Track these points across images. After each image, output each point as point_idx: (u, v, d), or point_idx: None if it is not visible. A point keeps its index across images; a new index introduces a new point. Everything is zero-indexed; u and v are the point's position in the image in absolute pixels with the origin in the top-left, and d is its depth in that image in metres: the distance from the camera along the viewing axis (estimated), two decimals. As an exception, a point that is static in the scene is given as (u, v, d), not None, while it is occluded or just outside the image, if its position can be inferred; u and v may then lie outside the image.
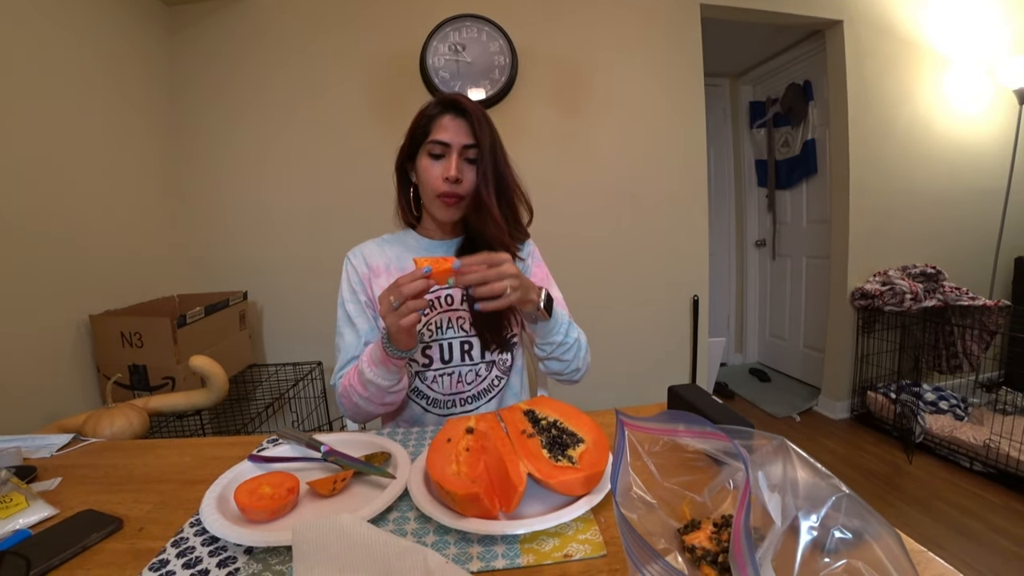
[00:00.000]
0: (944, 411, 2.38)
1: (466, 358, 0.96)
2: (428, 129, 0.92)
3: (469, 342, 0.96)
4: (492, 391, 0.99)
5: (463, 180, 0.91)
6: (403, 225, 1.07)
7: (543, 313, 0.85)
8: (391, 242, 1.04)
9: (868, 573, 0.32)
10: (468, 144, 0.90)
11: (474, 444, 0.64)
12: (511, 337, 1.00)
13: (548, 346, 0.90)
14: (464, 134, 0.90)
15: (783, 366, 3.49)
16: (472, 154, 0.91)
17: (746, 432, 0.42)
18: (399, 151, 0.99)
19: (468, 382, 0.97)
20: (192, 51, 1.97)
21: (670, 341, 2.33)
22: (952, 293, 2.46)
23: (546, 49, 2.10)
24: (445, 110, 0.92)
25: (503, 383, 1.00)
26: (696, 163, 2.25)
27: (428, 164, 0.92)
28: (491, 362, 0.98)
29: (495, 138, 0.93)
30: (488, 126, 0.92)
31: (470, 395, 0.98)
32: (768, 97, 3.34)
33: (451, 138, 0.90)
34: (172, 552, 0.53)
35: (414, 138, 0.94)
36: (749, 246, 3.66)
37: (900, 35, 2.53)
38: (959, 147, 2.69)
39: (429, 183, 0.92)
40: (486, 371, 0.98)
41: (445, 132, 0.90)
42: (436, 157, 0.91)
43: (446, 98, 0.93)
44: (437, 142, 0.90)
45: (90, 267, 1.55)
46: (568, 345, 0.91)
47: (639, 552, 0.33)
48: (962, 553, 1.63)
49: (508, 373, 1.01)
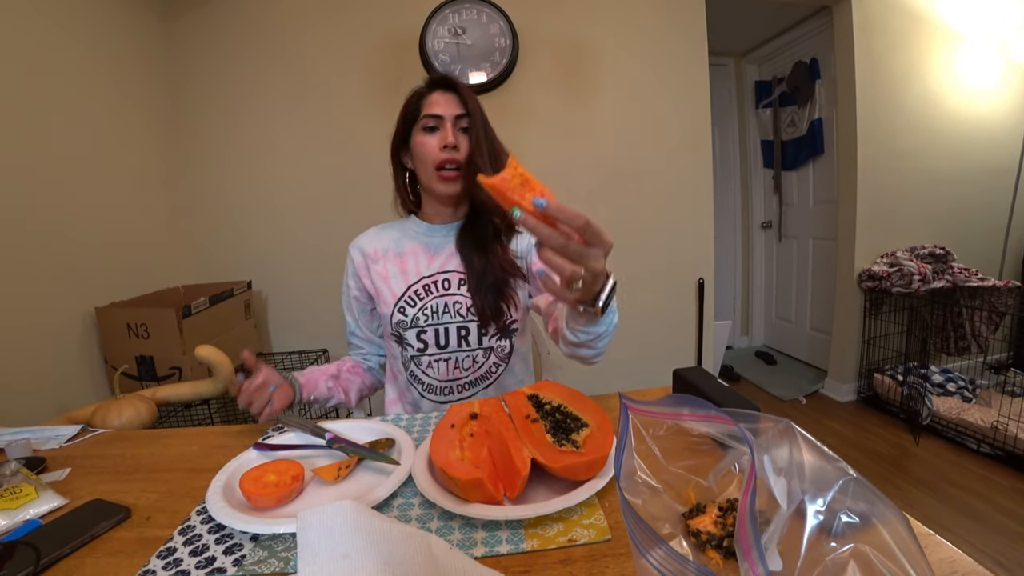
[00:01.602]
0: (952, 393, 2.37)
1: (463, 344, 0.95)
2: (419, 107, 0.95)
3: (466, 327, 0.95)
4: (490, 378, 0.98)
5: (459, 147, 0.92)
6: (404, 214, 1.07)
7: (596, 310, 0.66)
8: (392, 227, 1.06)
9: (875, 557, 0.32)
10: (460, 114, 0.93)
11: (478, 429, 0.64)
12: (511, 323, 0.98)
13: (584, 334, 0.74)
14: (455, 105, 0.93)
15: (789, 349, 3.47)
16: (465, 123, 0.93)
17: (752, 415, 0.42)
18: (392, 138, 1.00)
19: (465, 368, 0.96)
20: (190, 40, 1.95)
21: (675, 324, 2.32)
22: (961, 274, 2.43)
23: (547, 30, 2.06)
24: (433, 87, 0.96)
25: (501, 370, 0.99)
26: (701, 145, 2.22)
27: (424, 139, 0.93)
28: (488, 348, 0.97)
29: (483, 111, 0.96)
30: (475, 98, 0.95)
31: (467, 381, 0.97)
32: (774, 76, 3.28)
33: (443, 110, 0.92)
34: (179, 540, 0.54)
35: (406, 120, 0.97)
36: (755, 228, 3.62)
37: (910, 10, 2.47)
38: (970, 125, 2.63)
39: (427, 156, 0.93)
40: (483, 357, 0.97)
41: (437, 106, 0.93)
42: (430, 130, 0.93)
43: (432, 77, 0.98)
44: (430, 115, 0.92)
45: (94, 260, 1.55)
46: (608, 334, 0.77)
47: (643, 537, 0.33)
48: (969, 535, 1.63)
49: (507, 360, 1.00)
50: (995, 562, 1.50)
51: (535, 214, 0.50)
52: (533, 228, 0.50)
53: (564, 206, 0.49)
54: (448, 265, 0.98)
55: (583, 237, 0.51)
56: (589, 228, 0.50)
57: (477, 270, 0.94)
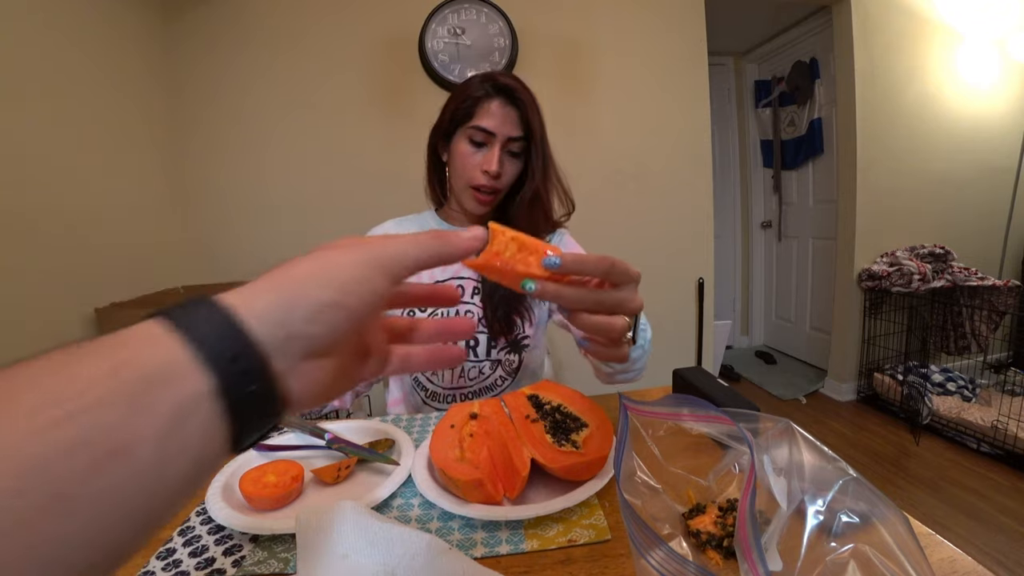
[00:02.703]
0: (952, 392, 2.37)
1: (470, 353, 0.91)
2: (472, 111, 0.83)
3: (476, 338, 0.91)
4: (495, 389, 0.95)
5: (503, 175, 0.84)
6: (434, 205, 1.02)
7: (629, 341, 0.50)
8: (410, 222, 1.00)
9: (875, 557, 0.32)
10: (514, 136, 0.83)
11: (478, 430, 0.64)
12: (522, 338, 0.93)
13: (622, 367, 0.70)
14: (512, 125, 0.82)
15: (789, 348, 3.47)
16: (516, 147, 0.84)
17: (751, 415, 0.42)
18: (433, 128, 0.91)
19: (471, 378, 0.93)
20: (189, 41, 1.95)
21: (675, 324, 2.32)
22: (961, 273, 2.43)
23: (546, 30, 2.06)
24: (495, 94, 0.82)
25: (507, 384, 0.95)
26: (700, 144, 2.22)
27: (466, 151, 0.84)
28: (497, 361, 0.93)
29: (544, 129, 0.86)
30: (540, 117, 0.84)
31: (471, 391, 0.94)
32: (773, 76, 3.28)
33: (497, 127, 0.81)
34: (179, 541, 0.54)
35: (454, 117, 0.85)
36: (755, 228, 3.62)
37: (909, 10, 2.47)
38: (969, 125, 2.63)
39: (464, 172, 0.85)
40: (490, 369, 0.93)
41: (491, 119, 0.81)
42: (477, 144, 0.84)
43: (497, 81, 0.83)
44: (480, 128, 0.82)
45: (94, 260, 1.55)
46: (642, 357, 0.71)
47: (643, 538, 0.33)
48: (969, 534, 1.63)
49: (514, 375, 0.95)
50: (995, 561, 1.50)
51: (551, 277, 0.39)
52: (556, 296, 0.39)
53: (581, 256, 0.38)
54: (463, 271, 0.92)
55: (611, 282, 0.40)
56: (614, 269, 0.39)
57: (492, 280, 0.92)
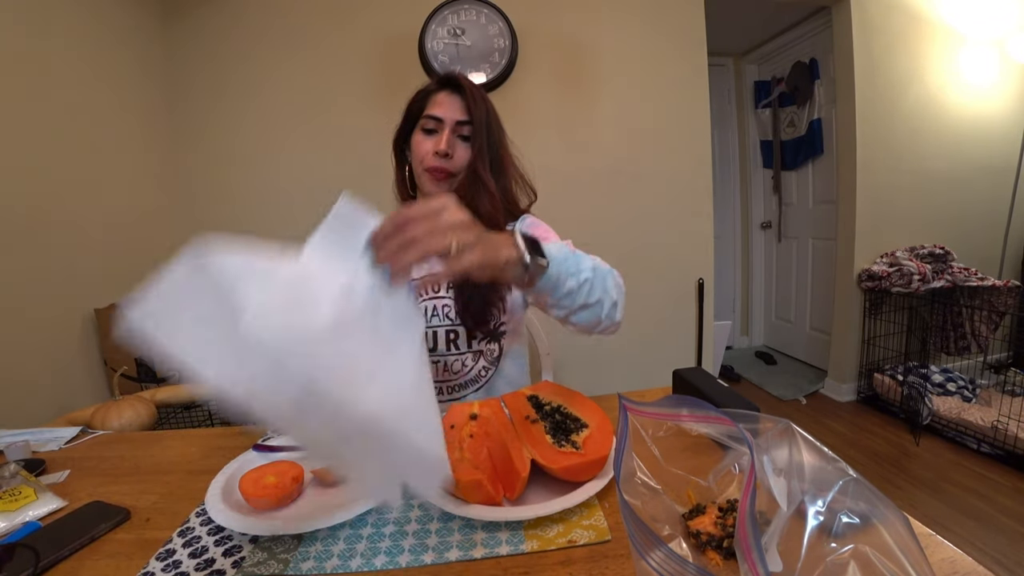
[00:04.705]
0: (952, 393, 2.37)
1: (452, 347, 0.95)
2: (423, 105, 0.93)
3: (455, 331, 0.94)
4: (479, 381, 0.98)
5: (453, 156, 0.91)
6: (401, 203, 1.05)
7: (537, 263, 0.60)
8: None
9: (875, 558, 0.32)
10: (461, 120, 0.91)
11: (477, 430, 0.64)
12: (498, 326, 0.96)
13: (566, 299, 0.66)
14: (458, 110, 0.91)
15: (789, 349, 3.47)
16: (466, 131, 0.91)
17: (751, 416, 0.42)
18: (396, 129, 1.00)
19: (454, 372, 0.96)
20: (190, 43, 1.95)
21: (675, 325, 2.32)
22: (961, 274, 2.43)
23: (546, 31, 2.06)
24: (441, 86, 0.94)
25: (491, 373, 0.98)
26: (700, 145, 2.22)
27: (421, 139, 0.93)
28: (478, 352, 0.96)
29: (492, 117, 0.94)
30: (484, 104, 0.92)
31: (456, 384, 0.97)
32: (773, 76, 3.28)
33: (444, 113, 0.90)
34: (179, 542, 0.54)
35: (410, 115, 0.96)
36: (755, 228, 3.62)
37: (909, 10, 2.47)
38: (969, 125, 2.63)
39: (419, 157, 0.92)
40: (472, 361, 0.96)
41: (439, 107, 0.91)
42: (429, 132, 0.92)
43: (443, 75, 0.95)
44: (431, 117, 0.91)
45: (93, 261, 1.55)
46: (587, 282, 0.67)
47: (642, 539, 0.33)
48: (970, 535, 1.63)
49: (496, 363, 0.99)
50: (996, 562, 1.50)
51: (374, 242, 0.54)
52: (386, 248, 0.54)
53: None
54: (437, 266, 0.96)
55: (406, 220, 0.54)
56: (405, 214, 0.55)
57: None
